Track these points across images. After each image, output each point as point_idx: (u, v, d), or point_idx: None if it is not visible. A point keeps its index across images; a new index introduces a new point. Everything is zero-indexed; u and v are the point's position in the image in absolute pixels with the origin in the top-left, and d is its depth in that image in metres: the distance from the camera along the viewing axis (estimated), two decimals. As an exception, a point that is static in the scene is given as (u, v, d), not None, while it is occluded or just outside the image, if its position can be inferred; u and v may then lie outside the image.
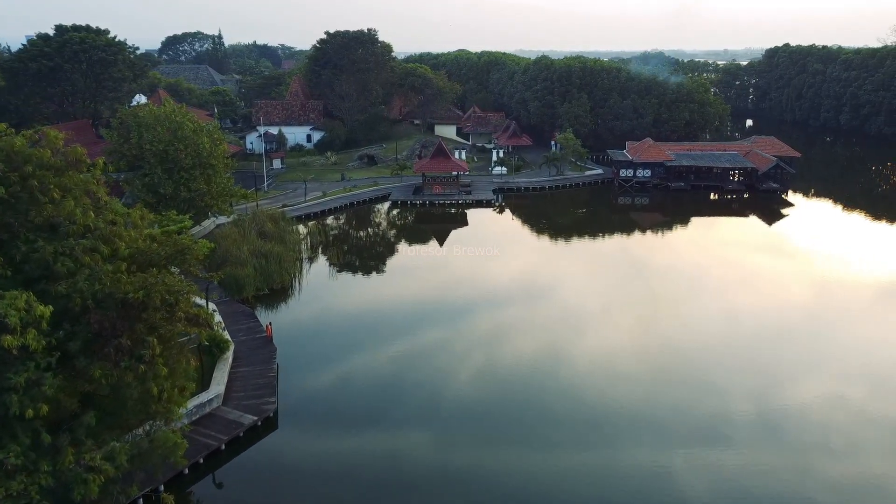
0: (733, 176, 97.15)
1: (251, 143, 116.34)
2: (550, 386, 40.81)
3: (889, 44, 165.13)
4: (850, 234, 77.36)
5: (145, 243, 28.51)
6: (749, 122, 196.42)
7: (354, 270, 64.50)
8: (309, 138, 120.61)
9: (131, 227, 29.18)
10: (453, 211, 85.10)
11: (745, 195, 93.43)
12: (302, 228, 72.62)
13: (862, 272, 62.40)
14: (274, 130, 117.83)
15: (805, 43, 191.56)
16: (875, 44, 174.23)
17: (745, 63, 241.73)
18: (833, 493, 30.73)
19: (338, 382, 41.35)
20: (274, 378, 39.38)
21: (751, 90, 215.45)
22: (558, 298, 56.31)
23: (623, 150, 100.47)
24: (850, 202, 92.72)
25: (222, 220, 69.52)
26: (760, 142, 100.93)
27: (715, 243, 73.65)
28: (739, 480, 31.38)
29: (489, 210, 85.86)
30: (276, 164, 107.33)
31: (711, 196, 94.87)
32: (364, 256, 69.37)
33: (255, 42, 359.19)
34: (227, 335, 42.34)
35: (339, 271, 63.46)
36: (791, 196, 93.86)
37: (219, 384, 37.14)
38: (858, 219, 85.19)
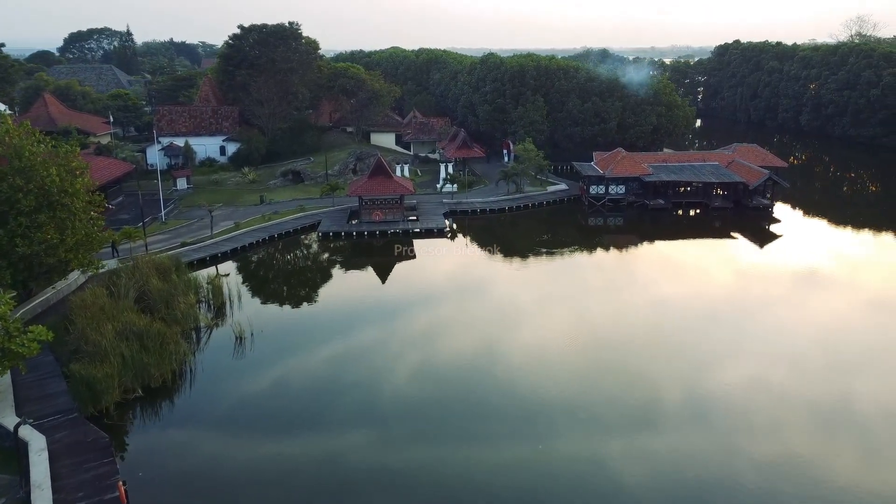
0: (715, 191, 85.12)
1: (152, 159, 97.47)
2: (487, 381, 40.49)
3: (844, 40, 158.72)
4: (863, 253, 66.23)
5: None
6: (699, 123, 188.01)
7: (272, 338, 47.62)
8: (223, 151, 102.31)
9: None
10: (398, 243, 69.55)
11: (733, 213, 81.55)
12: (203, 278, 55.58)
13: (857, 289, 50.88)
14: (180, 142, 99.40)
15: (729, 41, 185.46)
16: (817, 39, 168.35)
17: (689, 61, 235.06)
18: (757, 473, 31.36)
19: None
20: None
21: (700, 89, 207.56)
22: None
23: (591, 163, 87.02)
24: (851, 218, 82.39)
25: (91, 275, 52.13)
26: (742, 150, 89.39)
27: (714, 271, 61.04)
28: (671, 464, 32.09)
29: (442, 240, 70.73)
30: (181, 183, 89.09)
31: (691, 213, 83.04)
32: (285, 317, 53.08)
33: (171, 39, 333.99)
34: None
35: (250, 341, 46.54)
36: (780, 212, 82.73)
37: None
38: (867, 235, 74.75)
